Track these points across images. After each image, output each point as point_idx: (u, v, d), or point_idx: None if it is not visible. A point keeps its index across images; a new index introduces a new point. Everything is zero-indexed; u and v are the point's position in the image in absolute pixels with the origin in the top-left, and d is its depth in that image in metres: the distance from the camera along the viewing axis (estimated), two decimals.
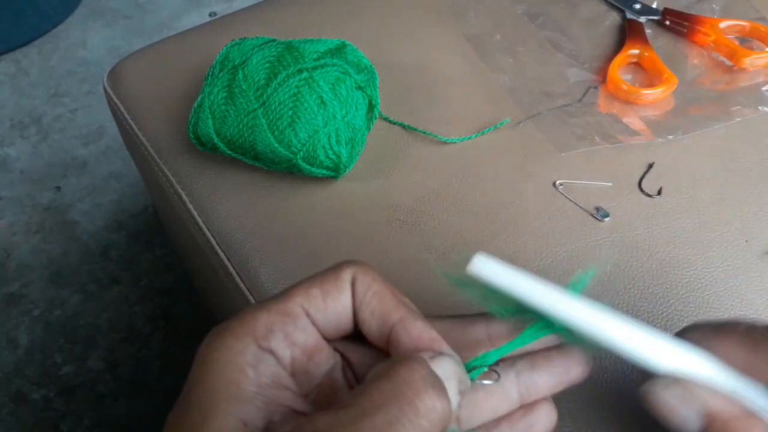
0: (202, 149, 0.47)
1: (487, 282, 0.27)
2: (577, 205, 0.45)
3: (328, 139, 0.43)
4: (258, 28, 0.57)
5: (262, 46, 0.46)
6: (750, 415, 0.24)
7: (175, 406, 0.23)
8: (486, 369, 0.26)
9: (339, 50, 0.46)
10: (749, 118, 0.50)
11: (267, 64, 0.44)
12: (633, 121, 0.50)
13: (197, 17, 1.41)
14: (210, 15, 1.42)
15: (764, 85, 0.52)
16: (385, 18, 0.58)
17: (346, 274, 0.26)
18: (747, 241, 0.44)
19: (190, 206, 0.48)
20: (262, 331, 0.24)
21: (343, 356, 0.27)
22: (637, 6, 0.57)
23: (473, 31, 0.57)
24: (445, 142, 0.49)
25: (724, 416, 0.24)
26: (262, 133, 0.44)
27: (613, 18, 0.58)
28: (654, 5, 0.58)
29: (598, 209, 0.45)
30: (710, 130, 0.50)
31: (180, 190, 0.48)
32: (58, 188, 1.14)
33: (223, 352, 0.23)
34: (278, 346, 0.24)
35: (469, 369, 0.26)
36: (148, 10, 1.43)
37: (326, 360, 0.26)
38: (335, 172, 0.45)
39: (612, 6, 0.59)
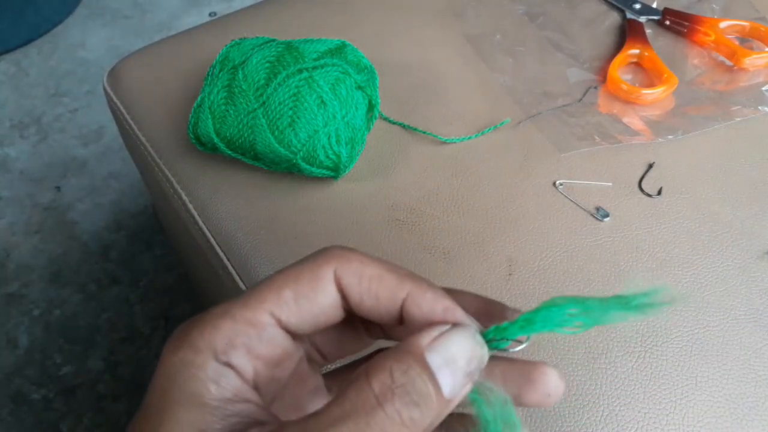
0: (202, 149, 0.47)
1: None
2: (577, 205, 0.45)
3: (328, 139, 0.43)
4: (258, 28, 0.57)
5: (262, 46, 0.46)
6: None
7: (137, 412, 0.22)
8: (509, 341, 0.24)
9: (339, 50, 0.46)
10: (749, 118, 0.50)
11: (267, 64, 0.44)
12: (633, 121, 0.50)
13: (197, 17, 1.41)
14: (210, 15, 1.42)
15: (764, 85, 0.52)
16: (385, 18, 0.58)
17: (325, 271, 0.24)
18: (747, 241, 0.44)
19: (190, 206, 0.48)
20: (221, 345, 0.22)
21: (314, 346, 0.26)
22: (637, 6, 0.57)
23: (473, 31, 0.57)
24: (445, 142, 0.49)
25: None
26: (262, 133, 0.44)
27: (613, 18, 0.58)
28: (654, 5, 0.58)
29: (598, 209, 0.45)
30: (710, 130, 0.50)
31: (180, 190, 0.48)
32: (58, 188, 1.14)
33: (182, 368, 0.22)
34: (239, 361, 0.22)
35: (489, 339, 0.23)
36: (147, 10, 1.43)
37: (293, 360, 0.25)
38: (335, 172, 0.45)
39: (612, 6, 0.59)
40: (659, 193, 0.46)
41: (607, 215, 0.45)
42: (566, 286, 0.42)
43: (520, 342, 0.24)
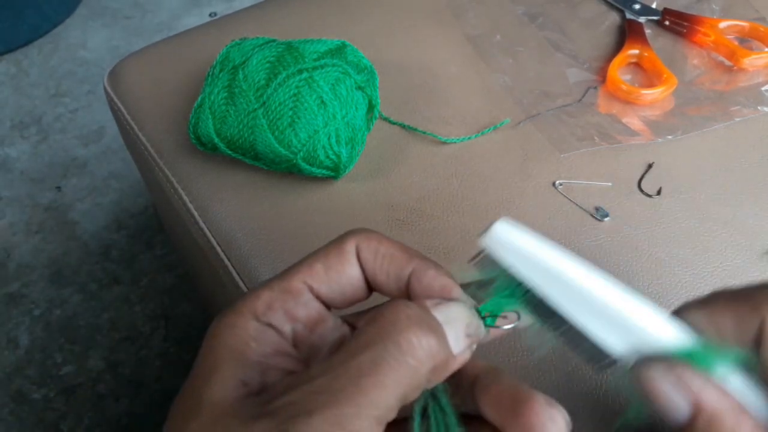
0: (203, 149, 0.47)
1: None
2: (577, 205, 0.46)
3: (328, 139, 0.43)
4: (258, 28, 0.57)
5: (263, 47, 0.46)
6: (740, 409, 0.24)
7: (190, 373, 0.24)
8: (499, 315, 0.26)
9: (339, 50, 0.46)
10: (749, 118, 0.50)
11: (267, 65, 0.44)
12: (632, 121, 0.50)
13: (197, 17, 1.41)
14: (210, 15, 1.42)
15: (764, 85, 0.52)
16: (385, 18, 0.58)
17: (349, 246, 0.26)
18: (747, 241, 0.44)
19: (190, 206, 0.48)
20: (262, 308, 0.25)
21: (353, 327, 0.27)
22: (637, 6, 0.57)
23: (473, 31, 0.57)
24: (445, 142, 0.49)
25: (712, 408, 0.24)
26: (263, 133, 0.44)
27: (612, 18, 0.58)
28: (653, 5, 0.58)
29: (597, 209, 0.45)
30: (710, 130, 0.50)
31: (180, 190, 0.48)
32: (59, 188, 1.14)
33: (226, 328, 0.24)
34: (278, 321, 0.25)
35: (485, 315, 0.26)
36: (148, 10, 1.43)
37: (332, 331, 0.26)
38: (335, 172, 0.45)
39: (612, 6, 0.59)
40: (659, 193, 0.46)
41: (606, 215, 0.45)
42: None
43: (511, 321, 0.26)
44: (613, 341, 0.26)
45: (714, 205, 0.46)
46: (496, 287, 0.27)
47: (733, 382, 0.25)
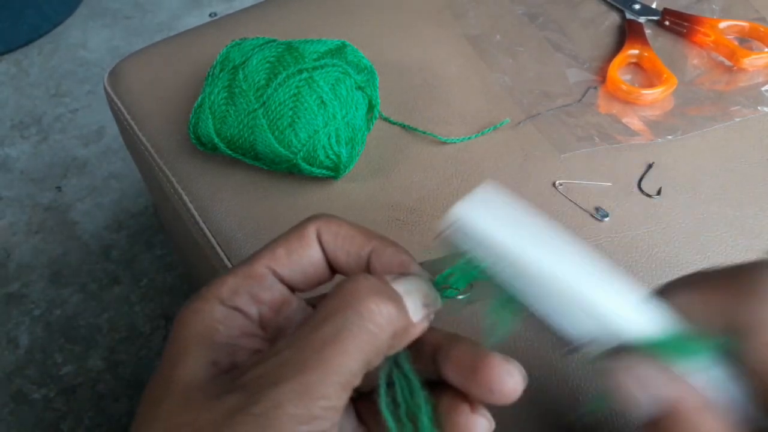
0: (203, 149, 0.47)
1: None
2: (577, 205, 0.46)
3: (328, 139, 0.43)
4: (258, 28, 0.57)
5: (263, 47, 0.46)
6: (705, 407, 0.24)
7: (159, 362, 0.25)
8: (457, 289, 0.27)
9: (339, 50, 0.46)
10: (749, 118, 0.50)
11: (267, 65, 0.44)
12: (632, 121, 0.50)
13: (197, 17, 1.41)
14: (210, 15, 1.42)
15: (763, 85, 0.52)
16: (385, 18, 0.58)
17: (310, 230, 0.27)
18: (747, 241, 0.44)
19: (190, 206, 0.48)
20: (227, 292, 0.25)
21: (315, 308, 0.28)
22: (637, 6, 0.57)
23: (473, 31, 0.57)
24: (445, 142, 0.49)
25: (676, 407, 0.24)
26: (263, 133, 0.44)
27: (612, 18, 0.58)
28: (653, 5, 0.58)
29: (597, 209, 0.45)
30: (710, 130, 0.50)
31: (180, 190, 0.48)
32: (59, 188, 1.14)
33: (193, 314, 0.25)
34: (244, 304, 0.26)
35: (441, 287, 0.27)
36: (148, 10, 1.43)
37: (297, 313, 0.27)
38: (335, 172, 0.45)
39: (611, 6, 0.59)
40: (659, 193, 0.46)
41: (606, 215, 0.45)
42: None
43: (466, 292, 0.27)
44: (580, 327, 0.25)
45: (714, 205, 0.46)
46: (456, 263, 0.27)
47: (706, 374, 0.24)
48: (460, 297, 0.27)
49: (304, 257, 0.27)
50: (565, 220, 0.45)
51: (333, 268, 0.28)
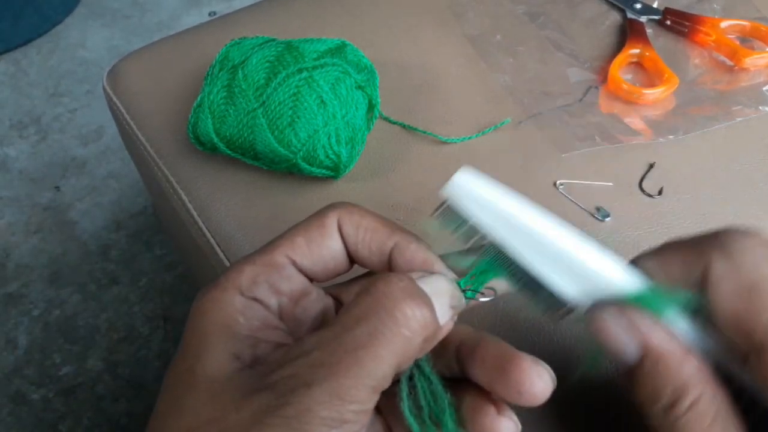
0: (202, 149, 0.47)
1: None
2: (578, 205, 0.45)
3: (328, 138, 0.43)
4: (257, 27, 0.57)
5: (262, 46, 0.46)
6: (684, 350, 0.25)
7: (176, 355, 0.24)
8: (480, 289, 0.27)
9: (339, 50, 0.46)
10: (750, 118, 0.50)
11: (267, 64, 0.44)
12: (634, 121, 0.50)
13: (197, 17, 1.41)
14: (210, 15, 1.42)
15: (765, 84, 0.52)
16: (385, 18, 0.58)
17: (331, 219, 0.26)
18: None
19: (190, 206, 0.47)
20: (246, 282, 0.25)
21: (336, 299, 0.28)
22: (638, 5, 0.57)
23: (473, 31, 0.57)
24: (445, 142, 0.49)
25: (658, 350, 0.24)
26: (262, 132, 0.43)
27: (613, 18, 0.58)
28: (655, 5, 0.58)
29: (598, 209, 0.45)
30: (711, 130, 0.49)
31: (180, 190, 0.48)
32: (58, 188, 1.14)
33: (212, 304, 0.24)
34: (263, 295, 0.25)
35: (465, 289, 0.27)
36: (147, 9, 1.43)
37: (315, 303, 0.26)
38: (335, 172, 0.45)
39: (612, 6, 0.58)
40: (660, 193, 0.46)
41: (607, 215, 0.45)
42: None
43: (488, 296, 0.27)
44: (569, 287, 0.27)
45: (715, 205, 0.45)
46: (475, 262, 0.28)
47: (680, 324, 0.26)
48: (482, 299, 0.27)
49: (324, 248, 0.26)
50: (566, 220, 0.45)
51: (352, 259, 0.27)
